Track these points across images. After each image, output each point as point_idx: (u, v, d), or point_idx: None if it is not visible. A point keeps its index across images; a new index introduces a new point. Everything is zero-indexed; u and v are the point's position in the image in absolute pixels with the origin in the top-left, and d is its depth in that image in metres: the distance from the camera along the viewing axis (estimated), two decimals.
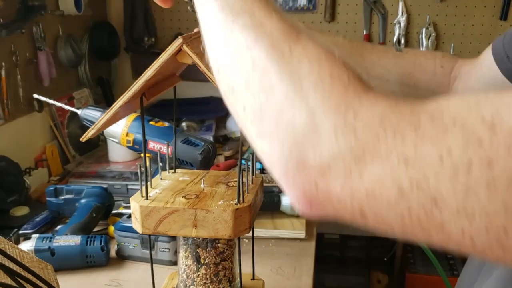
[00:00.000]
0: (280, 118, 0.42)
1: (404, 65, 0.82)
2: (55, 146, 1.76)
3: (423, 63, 0.82)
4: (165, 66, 0.66)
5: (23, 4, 1.55)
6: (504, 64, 0.74)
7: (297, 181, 0.41)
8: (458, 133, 0.34)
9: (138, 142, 1.15)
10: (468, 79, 0.81)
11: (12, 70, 1.54)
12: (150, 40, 2.19)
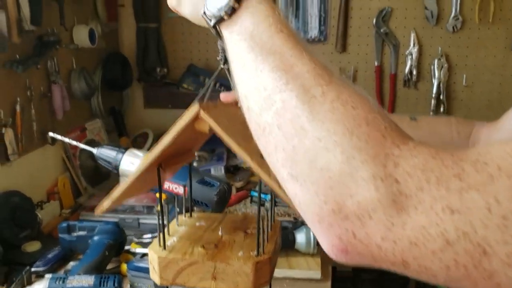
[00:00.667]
0: (314, 162, 0.41)
1: (421, 134, 0.82)
2: (67, 178, 1.76)
3: (439, 131, 0.82)
4: (182, 134, 0.65)
5: (39, 39, 1.56)
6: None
7: (333, 229, 0.41)
8: (504, 181, 0.34)
9: None
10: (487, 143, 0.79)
11: (26, 105, 1.55)
12: (162, 71, 2.20)
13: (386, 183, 0.38)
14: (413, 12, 2.04)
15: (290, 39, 0.50)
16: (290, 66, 0.47)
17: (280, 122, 0.45)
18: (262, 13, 0.53)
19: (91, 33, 1.79)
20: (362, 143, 0.40)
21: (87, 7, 1.91)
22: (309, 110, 0.43)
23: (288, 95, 0.45)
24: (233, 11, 0.54)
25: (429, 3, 1.99)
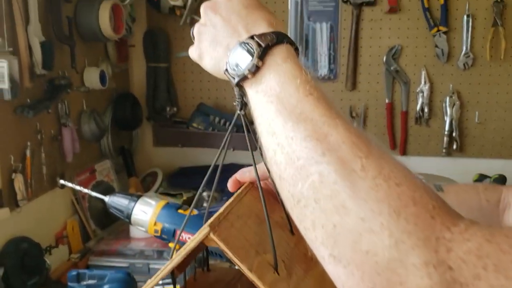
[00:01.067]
0: (359, 244, 0.39)
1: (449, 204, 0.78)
2: (75, 221, 1.73)
3: (467, 200, 0.78)
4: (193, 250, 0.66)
5: (50, 83, 1.56)
6: None
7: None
8: None
9: (167, 231, 1.12)
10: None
11: (36, 148, 1.54)
12: (172, 109, 2.19)
13: (439, 270, 0.36)
14: (423, 50, 2.04)
15: (320, 103, 0.48)
16: (324, 135, 0.45)
17: (317, 197, 0.42)
18: (288, 73, 0.52)
19: (102, 75, 1.79)
20: (411, 225, 0.38)
21: (98, 49, 1.92)
22: (350, 187, 0.41)
23: (325, 168, 0.42)
24: (257, 69, 0.53)
25: (439, 41, 1.99)
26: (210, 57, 0.62)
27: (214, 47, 0.60)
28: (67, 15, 1.65)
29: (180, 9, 2.05)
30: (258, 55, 0.52)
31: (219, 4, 0.60)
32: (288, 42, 0.55)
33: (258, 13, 0.59)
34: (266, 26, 0.56)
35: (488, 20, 1.96)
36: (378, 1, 2.02)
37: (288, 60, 0.53)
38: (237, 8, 0.59)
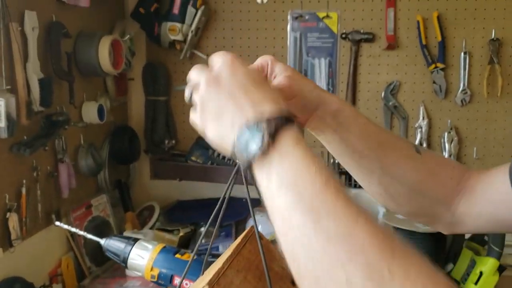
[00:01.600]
0: None
1: (421, 171, 0.79)
2: (70, 258, 1.71)
3: (438, 173, 0.80)
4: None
5: (47, 119, 1.55)
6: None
7: None
8: None
9: (164, 277, 1.10)
10: (472, 194, 0.79)
11: (32, 186, 1.52)
12: (170, 143, 2.18)
13: None
14: (421, 86, 2.05)
15: (340, 196, 0.46)
16: (348, 234, 0.43)
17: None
18: (301, 160, 0.50)
19: (100, 110, 1.79)
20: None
21: (97, 83, 1.92)
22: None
23: (351, 271, 0.41)
24: (267, 154, 0.51)
25: (437, 78, 2.00)
26: (214, 130, 0.60)
27: (218, 120, 0.59)
28: (66, 50, 1.65)
29: (180, 43, 2.06)
30: (268, 139, 0.51)
31: (223, 77, 0.59)
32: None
33: (263, 89, 0.58)
34: (272, 104, 0.55)
35: (484, 57, 1.98)
36: (376, 38, 2.03)
37: (299, 144, 0.51)
38: (242, 83, 0.58)
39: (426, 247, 1.51)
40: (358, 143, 0.75)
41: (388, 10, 1.99)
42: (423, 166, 0.80)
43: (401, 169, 0.78)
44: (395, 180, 0.78)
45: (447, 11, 1.98)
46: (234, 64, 0.60)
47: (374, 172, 0.78)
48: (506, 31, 1.96)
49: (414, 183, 0.79)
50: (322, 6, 2.04)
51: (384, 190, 0.80)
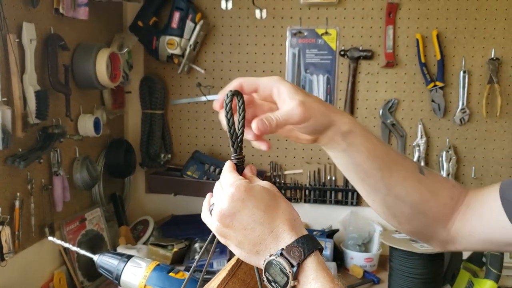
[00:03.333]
0: None
1: (423, 192, 0.81)
2: (63, 273, 1.68)
3: (440, 193, 0.81)
4: None
5: (43, 132, 1.54)
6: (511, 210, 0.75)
7: None
8: None
9: None
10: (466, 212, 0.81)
11: (26, 199, 1.50)
12: (166, 156, 2.17)
13: None
14: (419, 104, 2.04)
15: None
16: None
17: None
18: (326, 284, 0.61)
19: (96, 123, 1.77)
20: None
21: (94, 96, 1.90)
22: None
23: None
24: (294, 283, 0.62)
25: (436, 96, 2.00)
26: (238, 253, 0.70)
27: (242, 248, 0.67)
28: (64, 63, 1.64)
29: (178, 57, 2.05)
30: (292, 277, 0.61)
31: (237, 213, 0.66)
32: (316, 248, 0.63)
33: (278, 215, 0.66)
34: (289, 231, 0.64)
35: (484, 77, 1.98)
36: (375, 55, 2.03)
37: (319, 272, 0.60)
38: (257, 216, 0.65)
39: (424, 268, 1.49)
40: (365, 163, 0.77)
41: (387, 28, 1.99)
42: (426, 187, 0.81)
43: (404, 189, 0.79)
44: (398, 200, 0.80)
45: (447, 29, 1.98)
46: (244, 198, 0.66)
47: (378, 191, 0.80)
48: (505, 51, 1.96)
49: (416, 203, 0.80)
50: (321, 23, 2.04)
51: (387, 208, 0.82)
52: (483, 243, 0.82)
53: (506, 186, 0.78)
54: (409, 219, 0.82)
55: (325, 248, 1.94)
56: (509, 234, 0.76)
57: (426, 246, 1.53)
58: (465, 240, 0.82)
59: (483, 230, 0.80)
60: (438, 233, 0.83)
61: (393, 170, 0.79)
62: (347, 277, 1.91)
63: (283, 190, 2.15)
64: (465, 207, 0.81)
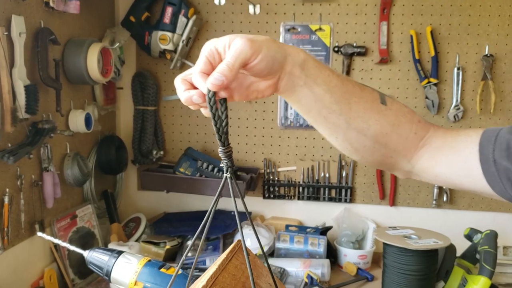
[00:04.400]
0: None
1: (384, 123, 0.80)
2: (54, 270, 1.66)
3: (401, 126, 0.81)
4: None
5: (33, 127, 1.51)
6: (488, 167, 0.75)
7: None
8: None
9: None
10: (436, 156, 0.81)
11: (15, 195, 1.48)
12: (158, 153, 2.15)
13: None
14: (413, 101, 2.03)
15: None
16: None
17: None
18: None
19: (87, 119, 1.75)
20: None
21: (85, 91, 1.88)
22: None
23: None
24: None
25: (429, 93, 1.99)
26: None
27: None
28: (54, 57, 1.62)
29: (170, 53, 2.03)
30: None
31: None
32: None
33: None
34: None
35: (478, 73, 1.97)
36: (369, 52, 2.02)
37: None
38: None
39: (418, 265, 1.48)
40: (325, 96, 0.75)
41: (381, 24, 1.98)
42: (387, 118, 0.80)
43: (365, 122, 0.79)
44: (359, 133, 0.79)
45: (441, 26, 1.97)
46: None
47: (340, 127, 0.79)
48: (499, 47, 1.95)
49: (378, 135, 0.80)
50: (314, 19, 2.03)
51: (350, 144, 0.81)
52: (447, 184, 0.84)
53: (486, 138, 0.76)
54: (371, 152, 0.81)
55: (318, 245, 1.93)
56: (479, 184, 0.77)
57: (420, 242, 1.52)
58: (430, 178, 0.84)
59: (451, 177, 0.81)
60: (400, 164, 0.84)
61: (352, 102, 0.77)
62: (341, 275, 1.90)
63: (277, 187, 2.14)
64: (435, 149, 0.81)
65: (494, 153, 0.75)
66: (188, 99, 0.68)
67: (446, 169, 0.80)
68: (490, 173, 0.75)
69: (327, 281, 1.80)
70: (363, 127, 0.78)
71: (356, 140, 0.79)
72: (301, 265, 1.81)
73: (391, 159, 0.83)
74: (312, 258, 1.89)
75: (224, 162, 0.72)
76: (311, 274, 1.75)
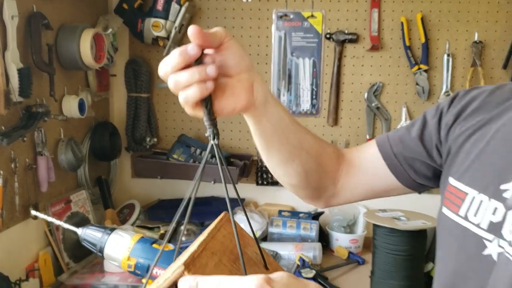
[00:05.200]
0: None
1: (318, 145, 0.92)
2: (48, 254, 1.67)
3: (327, 148, 0.94)
4: None
5: (27, 110, 1.53)
6: (391, 161, 0.89)
7: None
8: None
9: (140, 267, 1.08)
10: (350, 167, 0.95)
11: (10, 178, 1.49)
12: (152, 140, 2.16)
13: None
14: (404, 88, 2.06)
15: None
16: None
17: None
18: None
19: (80, 104, 1.77)
20: None
21: (78, 77, 1.89)
22: None
23: None
24: None
25: (420, 79, 2.01)
26: None
27: None
28: (47, 42, 1.63)
29: (163, 40, 2.04)
30: None
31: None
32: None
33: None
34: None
35: (467, 60, 2.00)
36: (360, 39, 2.04)
37: None
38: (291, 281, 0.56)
39: (406, 245, 1.51)
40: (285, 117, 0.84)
41: (373, 11, 2.01)
42: (318, 141, 0.92)
43: (308, 142, 0.90)
44: (308, 154, 0.89)
45: (431, 13, 1.99)
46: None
47: (295, 148, 0.87)
48: (488, 34, 1.98)
49: (317, 156, 0.91)
50: (307, 6, 2.05)
51: (302, 167, 0.89)
52: (365, 193, 0.96)
53: (382, 141, 0.92)
54: (316, 175, 0.92)
55: (310, 230, 1.95)
56: (388, 181, 0.90)
57: (409, 223, 1.55)
58: (349, 193, 0.96)
59: (366, 182, 0.94)
60: (328, 188, 0.95)
61: (296, 124, 0.87)
62: (332, 258, 1.92)
63: (270, 174, 2.16)
64: (347, 165, 0.94)
65: (392, 148, 0.89)
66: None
67: (360, 176, 0.94)
68: (394, 165, 0.89)
69: (318, 264, 1.83)
70: (308, 147, 0.89)
71: (306, 161, 0.89)
72: (293, 248, 1.83)
73: (324, 182, 0.94)
74: (304, 242, 1.92)
75: (209, 130, 0.74)
76: (303, 257, 1.77)
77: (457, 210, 0.76)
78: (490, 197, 0.71)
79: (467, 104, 0.82)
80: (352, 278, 1.77)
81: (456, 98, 0.84)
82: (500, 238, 0.68)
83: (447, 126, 0.83)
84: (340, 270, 1.83)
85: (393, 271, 1.52)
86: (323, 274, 1.71)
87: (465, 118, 0.81)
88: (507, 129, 0.74)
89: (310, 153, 0.89)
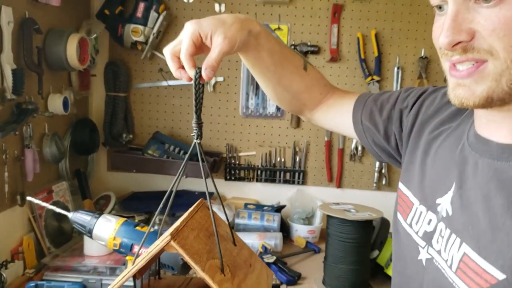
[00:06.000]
0: None
1: (302, 85, 1.07)
2: (31, 239, 1.82)
3: (313, 89, 1.09)
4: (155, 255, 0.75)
5: (18, 107, 1.68)
6: (357, 126, 1.03)
7: None
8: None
9: (125, 246, 1.25)
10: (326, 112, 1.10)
11: (0, 168, 1.64)
12: (128, 137, 2.33)
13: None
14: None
15: None
16: None
17: None
18: None
19: (65, 102, 1.92)
20: None
21: (63, 77, 2.05)
22: None
23: None
24: None
25: (372, 89, 2.24)
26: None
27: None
28: (37, 45, 1.78)
29: (141, 44, 2.21)
30: None
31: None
32: None
33: None
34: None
35: (414, 72, 2.25)
36: (321, 51, 2.26)
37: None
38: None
39: (355, 234, 1.73)
40: (267, 58, 0.99)
41: (333, 26, 2.23)
42: (305, 82, 1.06)
43: (289, 82, 1.05)
44: (284, 89, 1.06)
45: (384, 30, 2.23)
46: None
47: (271, 81, 1.05)
48: (433, 51, 2.22)
49: (295, 93, 1.07)
50: (274, 19, 2.25)
51: (275, 94, 1.09)
52: (331, 128, 1.14)
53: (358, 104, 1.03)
54: (288, 102, 1.10)
55: (273, 221, 2.16)
56: (349, 130, 1.06)
57: (357, 215, 1.77)
58: (320, 123, 1.13)
59: (334, 124, 1.11)
60: (304, 113, 1.13)
61: (284, 65, 1.01)
62: (292, 247, 2.14)
63: (238, 170, 2.36)
64: (328, 105, 1.09)
65: (361, 116, 1.01)
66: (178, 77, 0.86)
67: (331, 121, 1.11)
68: (358, 130, 1.03)
69: (279, 251, 2.04)
70: (287, 84, 1.05)
71: (281, 93, 1.07)
72: (257, 237, 2.04)
73: (300, 109, 1.12)
74: (267, 232, 2.13)
75: (195, 131, 0.92)
76: (266, 245, 1.98)
77: (406, 218, 0.87)
78: (427, 209, 0.81)
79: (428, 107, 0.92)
80: (309, 264, 1.99)
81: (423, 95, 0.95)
82: (430, 246, 0.78)
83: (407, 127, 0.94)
84: (298, 257, 2.04)
85: (343, 257, 1.74)
86: (283, 260, 1.92)
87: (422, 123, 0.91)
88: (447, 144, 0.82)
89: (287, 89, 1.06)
